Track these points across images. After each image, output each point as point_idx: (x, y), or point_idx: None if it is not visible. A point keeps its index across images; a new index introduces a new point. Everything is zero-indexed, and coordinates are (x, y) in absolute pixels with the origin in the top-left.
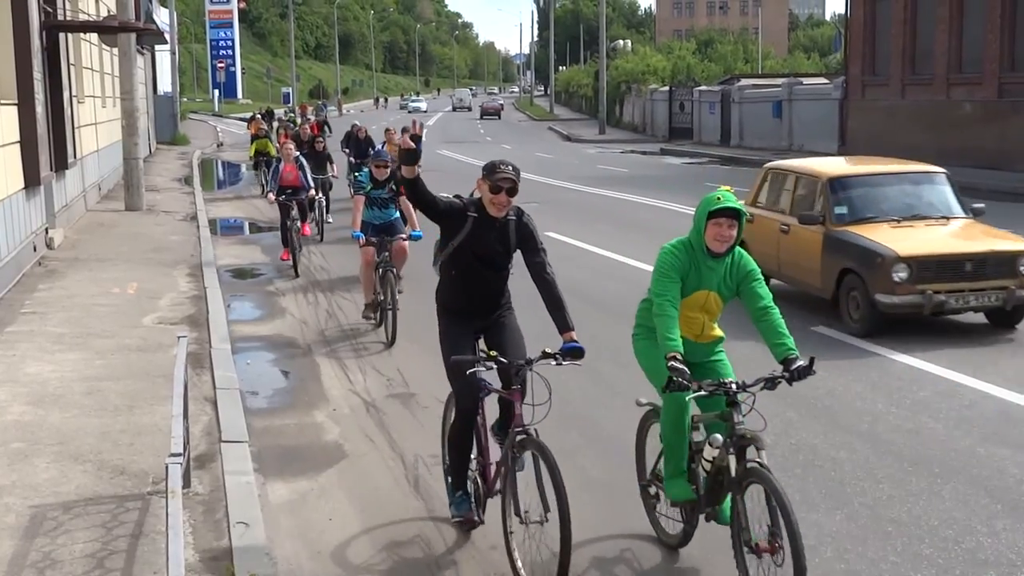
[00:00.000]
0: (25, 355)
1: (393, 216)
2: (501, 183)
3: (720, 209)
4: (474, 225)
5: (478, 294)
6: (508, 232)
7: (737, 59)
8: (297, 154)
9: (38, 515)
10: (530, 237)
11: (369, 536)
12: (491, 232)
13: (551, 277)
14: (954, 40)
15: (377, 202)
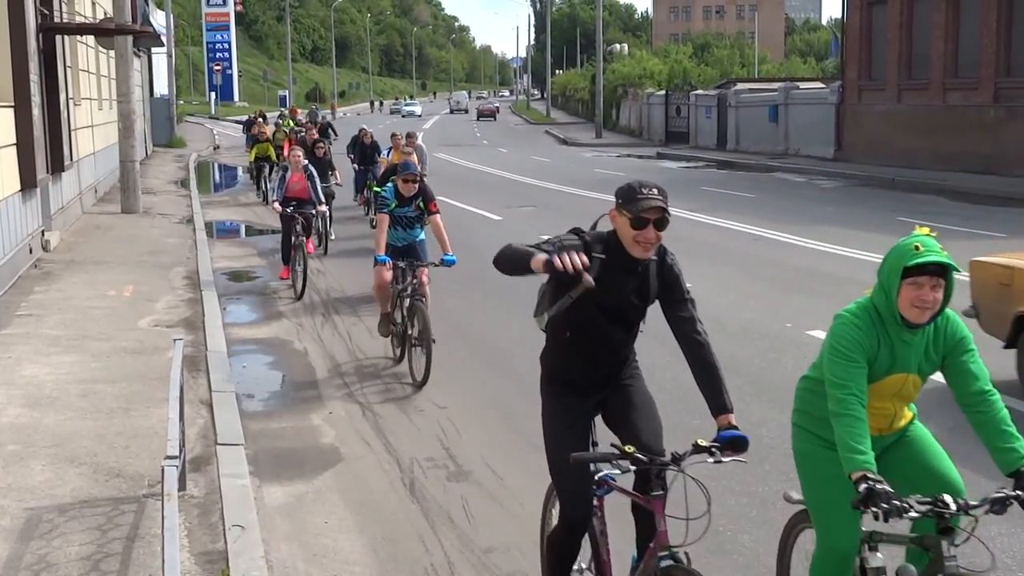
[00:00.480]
0: (21, 357)
1: (418, 237)
2: (647, 213)
3: (920, 265)
4: (603, 270)
5: (602, 359)
6: (648, 278)
7: (733, 63)
8: (306, 163)
9: (33, 517)
10: (675, 284)
11: (365, 539)
12: (627, 279)
13: (703, 338)
14: (950, 45)
15: (401, 221)
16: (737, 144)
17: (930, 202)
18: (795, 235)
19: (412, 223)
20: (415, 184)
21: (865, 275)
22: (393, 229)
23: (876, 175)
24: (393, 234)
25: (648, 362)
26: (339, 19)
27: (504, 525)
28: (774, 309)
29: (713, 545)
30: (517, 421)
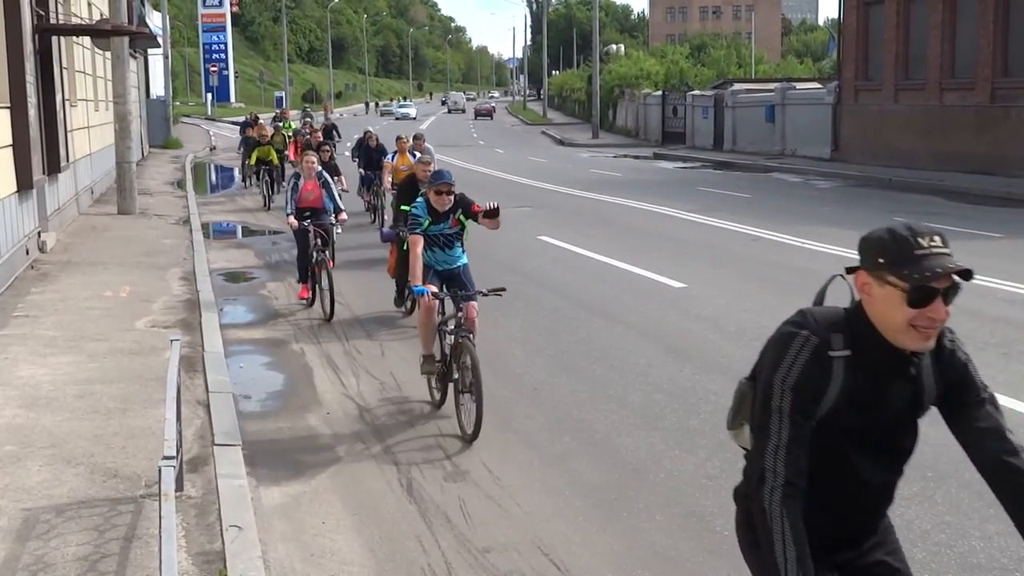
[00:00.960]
0: (17, 358)
1: (460, 260)
2: (930, 279)
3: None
4: (850, 376)
5: (848, 513)
6: (920, 376)
7: (730, 64)
8: (320, 169)
9: (30, 518)
10: (966, 379)
11: (362, 539)
12: (892, 382)
13: (1020, 460)
14: (947, 45)
15: (439, 240)
16: (734, 144)
17: (927, 202)
18: (792, 235)
19: (452, 242)
20: (450, 195)
21: None
22: (430, 251)
23: (873, 175)
24: (430, 256)
25: (643, 361)
26: (335, 20)
27: (501, 525)
28: (771, 309)
29: (711, 544)
30: (514, 421)
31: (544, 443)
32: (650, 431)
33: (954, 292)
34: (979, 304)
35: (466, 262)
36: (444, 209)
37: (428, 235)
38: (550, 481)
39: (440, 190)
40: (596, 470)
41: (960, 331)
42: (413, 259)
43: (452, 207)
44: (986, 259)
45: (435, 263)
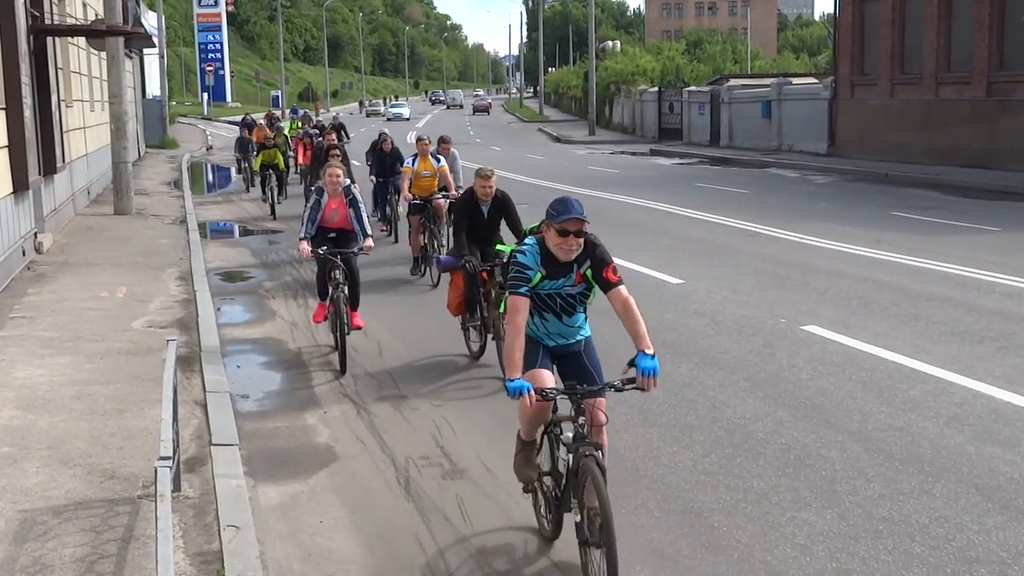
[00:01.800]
0: (14, 359)
1: (582, 334)
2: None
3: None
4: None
5: None
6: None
7: (726, 59)
8: (348, 183)
9: (28, 519)
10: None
11: (360, 538)
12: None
13: None
14: (943, 40)
15: (552, 303)
16: (730, 140)
17: (923, 196)
18: (789, 231)
19: (572, 306)
20: (579, 239)
21: (858, 269)
22: (539, 318)
23: (869, 170)
24: (537, 326)
25: None
26: (331, 19)
27: (500, 523)
28: (768, 304)
29: (708, 541)
30: (512, 419)
31: None
32: (647, 427)
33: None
34: (976, 298)
35: (589, 334)
36: (570, 258)
37: (538, 295)
38: None
39: (567, 229)
40: None
41: (957, 325)
42: (512, 334)
43: (581, 256)
44: (983, 253)
45: (544, 335)
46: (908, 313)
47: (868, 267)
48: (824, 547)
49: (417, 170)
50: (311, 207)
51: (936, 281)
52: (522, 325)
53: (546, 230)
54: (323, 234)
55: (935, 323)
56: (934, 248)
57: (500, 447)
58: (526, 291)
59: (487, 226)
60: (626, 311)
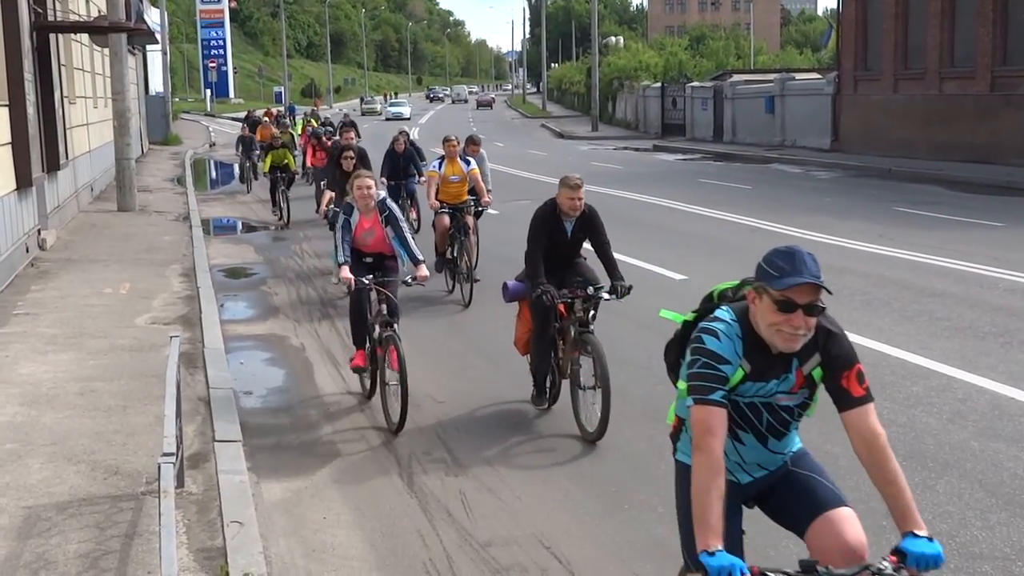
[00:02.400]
0: (18, 356)
1: (793, 445)
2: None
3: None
4: None
5: None
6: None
7: (729, 55)
8: (383, 196)
9: (32, 516)
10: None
11: (363, 534)
12: None
13: None
14: (946, 35)
15: (756, 417)
16: (733, 136)
17: (927, 192)
18: (792, 226)
19: (787, 421)
20: (811, 318)
21: (861, 265)
22: (735, 443)
23: (873, 165)
24: (738, 452)
25: (644, 354)
26: (334, 15)
27: (502, 519)
28: None
29: None
30: (514, 415)
31: (545, 436)
32: (651, 424)
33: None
34: (979, 294)
35: (800, 445)
36: (794, 348)
37: (737, 403)
38: (551, 474)
39: (793, 301)
40: (597, 463)
41: (961, 320)
42: (706, 473)
43: (805, 346)
44: (986, 248)
45: (740, 465)
46: (911, 309)
47: (871, 263)
48: None
49: (445, 174)
50: (341, 228)
51: (939, 277)
52: (720, 457)
53: (753, 299)
54: (357, 259)
55: (938, 319)
56: (937, 244)
57: (503, 444)
58: (722, 398)
59: (569, 247)
60: (873, 453)
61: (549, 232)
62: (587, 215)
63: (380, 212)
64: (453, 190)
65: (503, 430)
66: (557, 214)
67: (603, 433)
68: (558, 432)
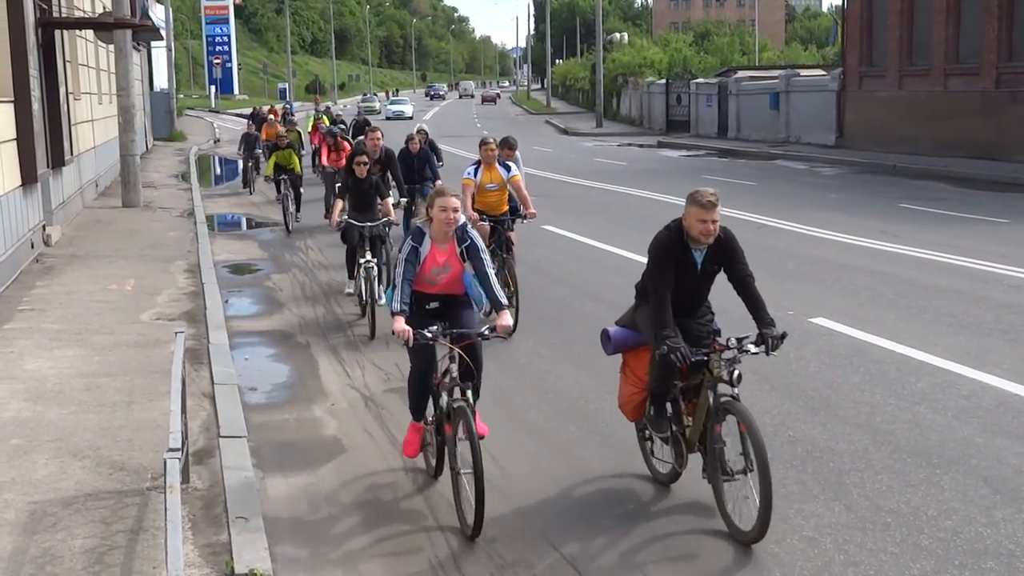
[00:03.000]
0: (23, 352)
1: None
2: None
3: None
4: None
5: None
6: None
7: (734, 51)
8: (464, 222)
9: (37, 511)
10: None
11: (368, 530)
12: None
13: None
14: (951, 31)
15: None
16: (738, 132)
17: (932, 188)
18: (796, 222)
19: None
20: None
21: (866, 261)
22: None
23: (877, 162)
24: None
25: None
26: (338, 11)
27: (508, 515)
28: (776, 297)
29: (715, 532)
30: (520, 411)
31: (550, 433)
32: None
33: None
34: (985, 290)
35: None
36: None
37: None
38: (556, 471)
39: None
40: (602, 459)
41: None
42: None
43: None
44: (992, 245)
45: None
46: (916, 305)
47: (876, 259)
48: (832, 539)
49: (481, 182)
50: (405, 259)
51: (944, 273)
52: None
53: None
54: (419, 304)
55: (943, 315)
56: (942, 240)
57: (508, 440)
58: None
59: (700, 284)
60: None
61: (677, 265)
62: (723, 242)
63: (458, 242)
64: (491, 200)
65: (509, 427)
66: (684, 242)
67: (764, 532)
68: (564, 431)
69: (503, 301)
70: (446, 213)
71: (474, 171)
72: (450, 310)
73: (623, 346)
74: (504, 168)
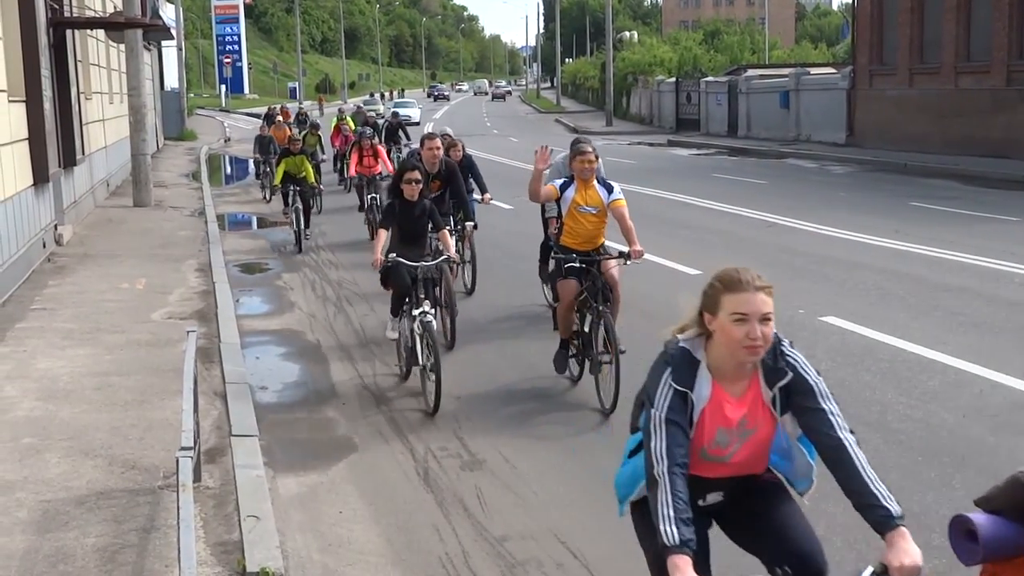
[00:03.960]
0: (35, 351)
1: None
2: None
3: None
4: None
5: None
6: None
7: (744, 50)
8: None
9: (50, 510)
10: None
11: (379, 529)
12: None
13: None
14: (962, 28)
15: None
16: (748, 131)
17: (943, 187)
18: (807, 221)
19: None
20: None
21: (877, 260)
22: None
23: (888, 160)
24: None
25: (658, 348)
26: (348, 10)
27: (518, 514)
28: (786, 295)
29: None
30: (530, 411)
31: (561, 431)
32: None
33: None
34: (995, 288)
35: None
36: None
37: None
38: (567, 469)
39: None
40: (613, 458)
41: (977, 315)
42: None
43: None
44: (1003, 243)
45: None
46: (927, 304)
47: (887, 258)
48: (843, 538)
49: (574, 202)
50: (665, 418)
51: (955, 272)
52: None
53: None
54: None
55: (954, 314)
56: (953, 238)
57: (519, 439)
58: None
59: None
60: None
61: None
62: None
63: (769, 382)
64: (586, 229)
65: (519, 427)
66: None
67: None
68: (575, 429)
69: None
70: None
71: (566, 187)
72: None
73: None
74: (604, 188)
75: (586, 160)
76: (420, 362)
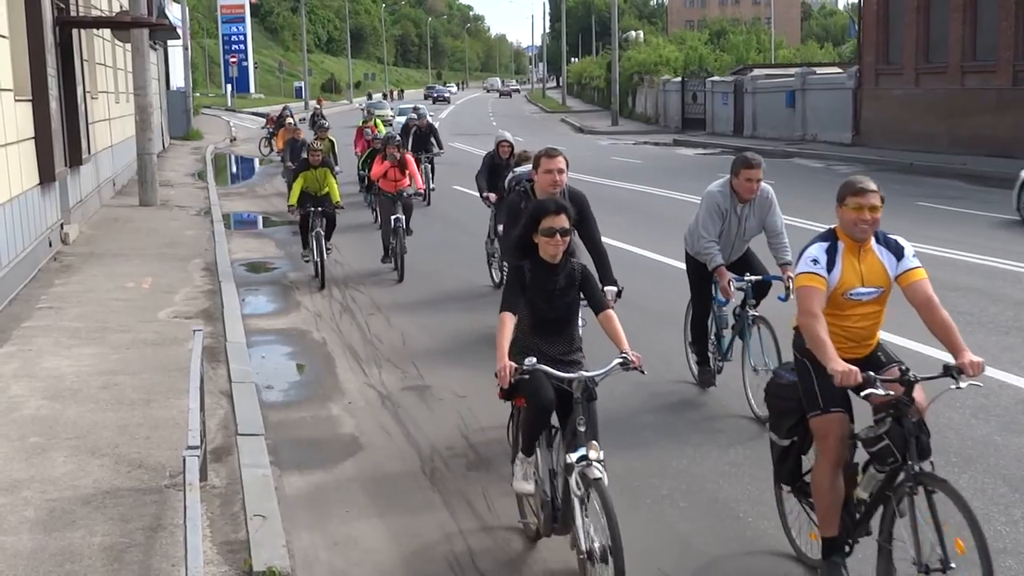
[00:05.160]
0: (42, 350)
1: None
2: None
3: None
4: None
5: None
6: None
7: (750, 49)
8: None
9: (56, 509)
10: None
11: (385, 528)
12: None
13: None
14: (968, 28)
15: None
16: (754, 130)
17: (949, 186)
18: (814, 220)
19: None
20: None
21: None
22: None
23: (894, 159)
24: None
25: (664, 348)
26: (354, 9)
27: None
28: None
29: (734, 531)
30: None
31: None
32: (673, 418)
33: None
34: (1002, 288)
35: None
36: None
37: None
38: None
39: None
40: (619, 458)
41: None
42: None
43: None
44: (1009, 243)
45: None
46: None
47: None
48: None
49: (841, 284)
50: None
51: (961, 271)
52: None
53: None
54: None
55: (961, 313)
56: (959, 238)
57: None
58: None
59: None
60: None
61: None
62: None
63: None
64: (860, 330)
65: None
66: None
67: None
68: None
69: None
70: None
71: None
72: None
73: None
74: (892, 253)
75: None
76: (582, 546)
